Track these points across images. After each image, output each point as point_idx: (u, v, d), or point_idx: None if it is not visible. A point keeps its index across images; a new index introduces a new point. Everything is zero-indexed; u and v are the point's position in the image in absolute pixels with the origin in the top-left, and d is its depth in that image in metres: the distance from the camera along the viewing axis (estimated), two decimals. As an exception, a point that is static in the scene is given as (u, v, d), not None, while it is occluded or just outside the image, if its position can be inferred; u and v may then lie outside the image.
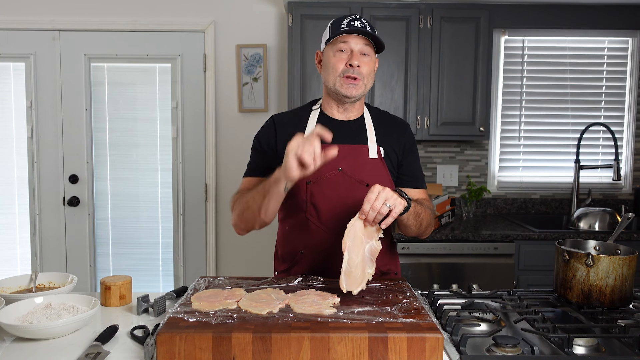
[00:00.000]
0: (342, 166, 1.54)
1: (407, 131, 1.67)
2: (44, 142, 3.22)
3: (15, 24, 3.16)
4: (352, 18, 1.52)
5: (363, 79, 1.52)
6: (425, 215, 1.55)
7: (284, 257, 1.67)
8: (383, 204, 1.29)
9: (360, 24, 1.51)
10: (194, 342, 1.03)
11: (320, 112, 1.63)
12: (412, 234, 1.58)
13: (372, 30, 1.52)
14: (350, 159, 1.54)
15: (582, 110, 3.33)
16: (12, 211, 3.29)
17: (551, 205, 3.34)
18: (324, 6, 2.86)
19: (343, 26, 1.50)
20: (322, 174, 1.52)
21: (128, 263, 3.32)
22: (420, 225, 1.55)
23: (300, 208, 1.57)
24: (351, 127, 1.60)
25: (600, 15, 3.09)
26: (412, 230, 1.55)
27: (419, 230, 1.58)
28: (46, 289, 1.49)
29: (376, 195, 1.29)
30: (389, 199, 1.30)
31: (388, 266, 1.66)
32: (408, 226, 1.51)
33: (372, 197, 1.29)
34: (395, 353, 1.03)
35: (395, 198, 1.31)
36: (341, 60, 1.52)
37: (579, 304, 1.37)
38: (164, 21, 3.18)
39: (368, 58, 1.53)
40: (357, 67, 1.50)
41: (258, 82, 3.22)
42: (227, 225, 3.29)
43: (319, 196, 1.54)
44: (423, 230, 1.59)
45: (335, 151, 1.33)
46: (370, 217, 1.31)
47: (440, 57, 2.92)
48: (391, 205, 1.30)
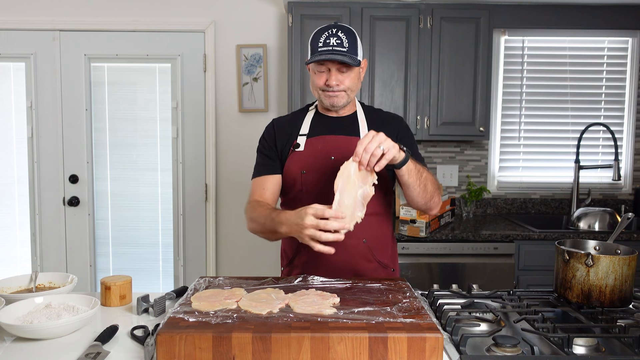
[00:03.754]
0: (334, 155, 1.60)
1: (401, 123, 1.71)
2: (44, 142, 3.22)
3: (15, 24, 3.16)
4: (329, 34, 1.54)
5: (346, 90, 1.59)
6: (429, 177, 1.52)
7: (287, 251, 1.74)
8: (377, 146, 1.31)
9: (336, 40, 1.53)
10: (194, 342, 1.03)
11: (315, 112, 1.71)
12: (419, 199, 1.54)
13: (349, 44, 1.53)
14: (342, 149, 1.60)
15: (582, 110, 3.33)
16: (12, 211, 3.29)
17: (551, 205, 3.34)
18: (324, 6, 2.86)
19: (320, 44, 1.54)
20: (315, 162, 1.61)
21: (128, 263, 3.32)
22: (425, 188, 1.51)
23: (297, 197, 1.64)
24: (343, 121, 1.68)
25: (600, 15, 3.09)
26: (417, 192, 1.50)
27: (424, 195, 1.53)
28: (46, 289, 1.50)
29: (370, 138, 1.32)
30: (383, 142, 1.32)
31: (387, 260, 1.69)
32: (411, 186, 1.47)
33: (366, 140, 1.32)
34: (395, 353, 1.03)
35: (389, 142, 1.33)
36: (321, 78, 1.58)
37: (579, 304, 1.37)
38: (164, 21, 3.18)
39: (348, 72, 1.57)
40: (337, 85, 1.56)
41: (258, 82, 3.22)
42: (227, 225, 3.29)
43: (313, 184, 1.61)
44: (429, 195, 1.54)
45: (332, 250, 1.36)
46: (364, 159, 1.32)
47: (440, 57, 2.92)
48: (385, 149, 1.32)
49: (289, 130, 1.69)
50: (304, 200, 1.58)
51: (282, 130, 1.70)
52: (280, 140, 1.68)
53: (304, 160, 1.63)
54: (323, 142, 1.64)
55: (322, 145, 1.63)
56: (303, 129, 1.68)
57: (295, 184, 1.64)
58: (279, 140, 1.68)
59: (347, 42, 1.54)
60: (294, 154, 1.64)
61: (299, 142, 1.65)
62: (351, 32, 1.57)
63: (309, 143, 1.64)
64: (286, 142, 1.67)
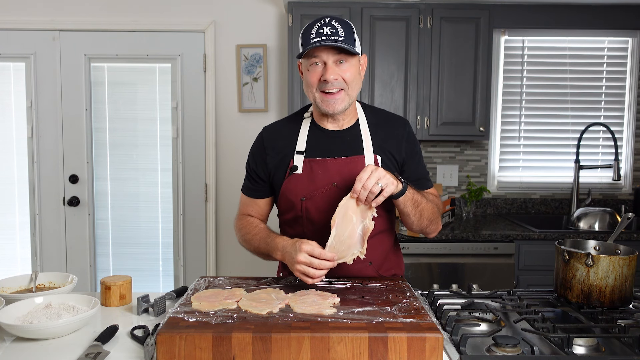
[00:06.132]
0: (336, 181, 1.48)
1: (407, 130, 1.58)
2: (44, 142, 3.22)
3: (15, 24, 3.16)
4: (322, 24, 1.40)
5: (346, 88, 1.43)
6: (427, 207, 1.48)
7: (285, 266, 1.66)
8: (375, 183, 1.29)
9: (330, 29, 1.38)
10: (194, 342, 1.03)
11: (311, 122, 1.55)
12: (414, 226, 1.52)
13: (344, 34, 1.39)
14: (345, 173, 1.47)
15: (582, 110, 3.33)
16: (12, 211, 3.29)
17: (551, 205, 3.34)
18: (324, 6, 2.86)
19: (312, 36, 1.39)
20: (316, 189, 1.49)
21: (128, 263, 3.32)
22: (421, 217, 1.48)
23: (297, 223, 1.55)
24: (345, 137, 1.52)
25: (600, 15, 3.09)
26: (413, 221, 1.48)
27: (420, 223, 1.50)
28: (46, 289, 1.50)
29: (369, 174, 1.29)
30: (382, 179, 1.30)
31: (393, 271, 1.63)
32: (407, 215, 1.45)
33: (365, 176, 1.29)
34: (395, 353, 1.03)
35: (388, 178, 1.31)
36: (315, 74, 1.42)
37: (579, 304, 1.37)
38: (164, 21, 3.18)
39: (347, 64, 1.42)
40: (335, 79, 1.41)
41: (258, 82, 3.22)
42: (227, 225, 3.29)
43: (314, 211, 1.50)
44: (425, 224, 1.52)
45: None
46: (362, 196, 1.30)
47: (440, 57, 2.92)
48: (383, 185, 1.30)
49: (282, 144, 1.53)
50: (305, 225, 1.52)
51: (273, 145, 1.54)
52: (271, 158, 1.53)
53: (304, 186, 1.49)
54: (324, 167, 1.49)
55: (323, 170, 1.48)
56: (299, 146, 1.51)
57: (294, 209, 1.52)
58: (270, 157, 1.54)
59: (342, 32, 1.39)
60: (291, 177, 1.50)
61: (297, 164, 1.49)
62: (346, 23, 1.42)
63: (307, 166, 1.49)
64: (280, 161, 1.53)
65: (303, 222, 1.53)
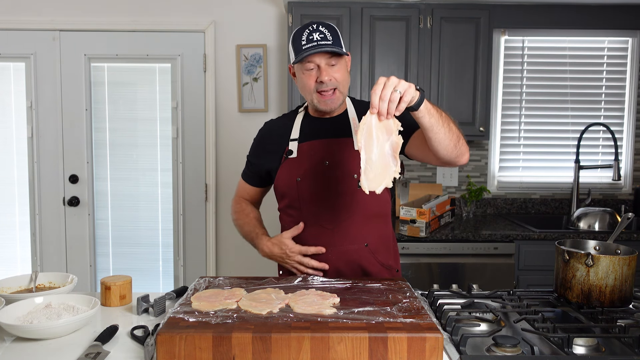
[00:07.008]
0: (328, 160, 1.60)
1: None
2: (44, 142, 3.22)
3: (15, 24, 3.16)
4: (310, 30, 1.52)
5: (339, 86, 1.56)
6: (449, 117, 1.38)
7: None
8: (393, 91, 1.20)
9: (319, 35, 1.51)
10: (194, 342, 1.03)
11: (305, 114, 1.71)
12: (446, 143, 1.37)
13: (332, 37, 1.52)
14: (335, 153, 1.60)
15: (582, 110, 3.33)
16: (12, 211, 3.29)
17: (551, 205, 3.34)
18: (324, 6, 2.86)
19: (303, 42, 1.52)
20: (310, 168, 1.60)
21: (128, 263, 3.32)
22: (450, 128, 1.35)
23: (293, 205, 1.64)
24: (335, 122, 1.65)
25: (600, 15, 3.08)
26: (443, 134, 1.34)
27: (451, 136, 1.36)
28: (46, 289, 1.50)
29: (382, 85, 1.21)
30: (398, 85, 1.20)
31: (390, 261, 1.68)
32: (434, 128, 1.32)
33: (379, 88, 1.21)
34: (395, 353, 1.03)
35: (404, 83, 1.21)
36: (311, 78, 1.56)
37: (579, 304, 1.37)
38: (164, 21, 3.18)
39: (337, 65, 1.55)
40: (329, 80, 1.54)
41: (258, 82, 3.22)
42: (227, 225, 3.29)
43: (309, 191, 1.60)
44: (455, 139, 1.38)
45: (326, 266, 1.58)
46: (382, 108, 1.21)
47: (440, 57, 2.92)
48: (401, 91, 1.20)
49: (280, 133, 1.69)
50: (302, 208, 1.61)
51: (272, 134, 1.72)
52: (270, 146, 1.70)
53: (298, 167, 1.62)
54: (316, 147, 1.62)
55: (315, 151, 1.61)
56: (294, 134, 1.66)
57: (290, 192, 1.63)
58: (269, 145, 1.71)
59: (330, 36, 1.52)
60: (287, 161, 1.64)
61: (291, 149, 1.64)
62: (331, 27, 1.55)
63: (301, 149, 1.63)
64: (277, 147, 1.68)
65: (300, 206, 1.62)
